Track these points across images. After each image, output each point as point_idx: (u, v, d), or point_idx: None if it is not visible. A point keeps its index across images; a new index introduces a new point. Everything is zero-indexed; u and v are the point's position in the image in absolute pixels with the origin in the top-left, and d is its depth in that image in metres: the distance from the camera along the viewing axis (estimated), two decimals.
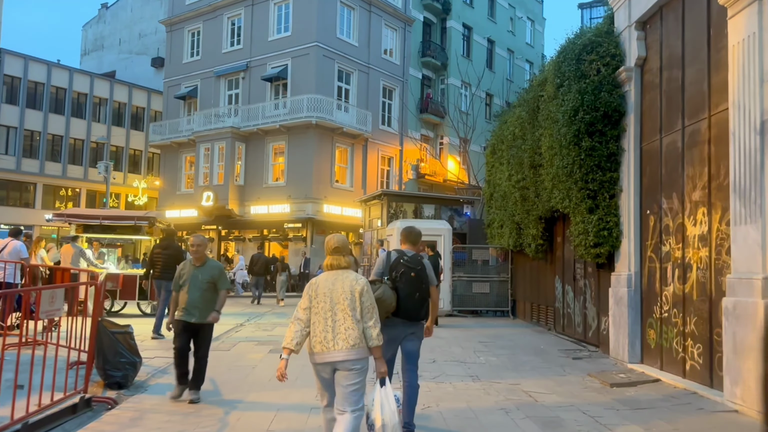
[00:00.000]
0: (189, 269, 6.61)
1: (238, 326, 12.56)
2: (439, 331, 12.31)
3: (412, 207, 17.61)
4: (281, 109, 29.56)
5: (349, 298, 4.16)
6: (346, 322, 4.12)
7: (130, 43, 48.92)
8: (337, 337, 4.10)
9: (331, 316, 4.14)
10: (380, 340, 4.19)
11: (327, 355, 4.11)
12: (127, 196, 43.16)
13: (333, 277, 4.26)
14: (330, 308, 4.16)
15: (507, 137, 14.35)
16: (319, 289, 4.24)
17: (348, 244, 4.63)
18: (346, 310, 4.14)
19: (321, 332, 4.14)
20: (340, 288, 4.19)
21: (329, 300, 4.17)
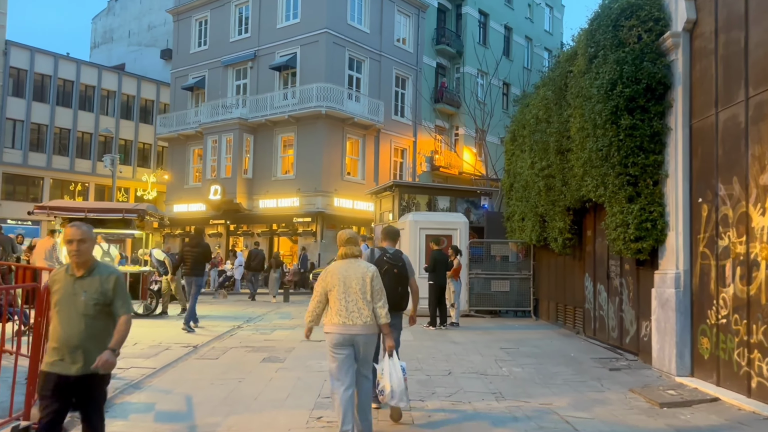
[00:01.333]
0: (64, 282, 3.83)
1: (235, 329, 11.47)
2: (456, 334, 11.12)
3: (425, 199, 16.40)
4: (290, 99, 28.45)
5: (360, 282, 4.76)
6: (359, 303, 4.72)
7: (139, 35, 48.09)
8: (351, 315, 4.69)
9: (344, 298, 4.73)
10: (388, 319, 4.81)
11: (344, 329, 4.68)
12: (136, 191, 42.27)
13: (347, 265, 4.86)
14: (344, 291, 4.75)
15: (529, 121, 13.11)
16: (334, 275, 4.83)
17: (358, 238, 5.12)
18: (357, 293, 4.74)
19: (337, 312, 4.73)
20: (353, 274, 4.79)
21: (343, 284, 4.76)
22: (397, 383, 4.95)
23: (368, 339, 4.77)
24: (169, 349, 9.00)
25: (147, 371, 7.45)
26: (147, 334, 10.32)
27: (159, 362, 8.01)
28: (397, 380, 4.96)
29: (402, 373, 5.03)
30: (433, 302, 12.07)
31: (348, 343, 4.70)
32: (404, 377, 5.08)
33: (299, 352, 8.88)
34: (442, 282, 12.13)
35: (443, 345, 9.81)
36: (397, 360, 5.07)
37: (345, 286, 4.76)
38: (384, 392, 5.01)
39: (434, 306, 12.06)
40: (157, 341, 9.59)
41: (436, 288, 12.11)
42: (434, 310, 12.04)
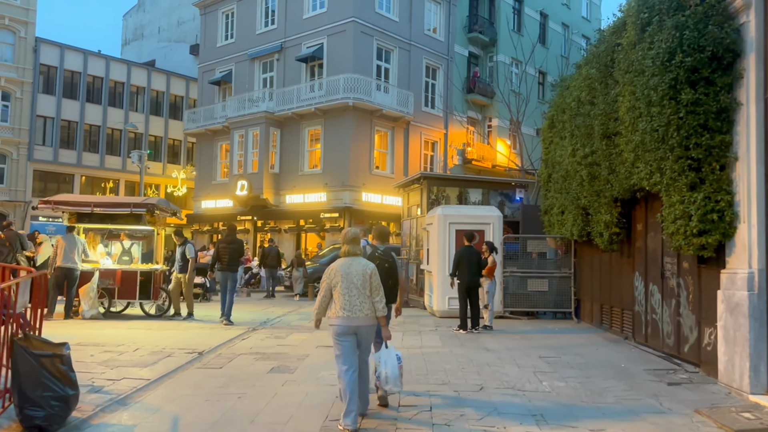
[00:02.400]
0: None
1: (248, 332, 10.62)
2: (489, 339, 10.08)
3: (455, 192, 15.34)
4: (317, 91, 27.61)
5: (361, 278, 5.22)
6: (360, 297, 5.19)
7: (168, 31, 47.96)
8: (354, 308, 5.16)
9: (347, 293, 5.19)
10: (385, 311, 5.31)
11: (347, 320, 5.16)
12: (166, 187, 42.18)
13: (349, 262, 5.33)
14: (347, 286, 5.20)
15: (570, 105, 11.95)
16: (337, 271, 5.28)
17: (360, 237, 5.60)
18: (359, 287, 5.20)
19: (341, 306, 5.18)
20: (354, 271, 5.26)
21: (346, 280, 5.21)
22: (392, 369, 5.48)
23: (368, 329, 5.35)
24: (172, 355, 8.18)
25: (140, 383, 6.62)
26: (152, 338, 9.56)
27: (156, 372, 7.18)
28: (392, 367, 5.49)
29: (397, 361, 5.57)
30: (462, 303, 11.03)
31: (351, 333, 5.24)
32: (399, 365, 5.60)
33: (313, 361, 7.97)
34: (470, 280, 11.07)
35: (475, 353, 8.78)
36: (392, 350, 5.62)
37: (348, 282, 5.24)
38: (380, 377, 5.54)
39: (463, 307, 11.02)
40: (161, 346, 8.80)
41: (463, 287, 11.06)
42: (464, 311, 11.01)
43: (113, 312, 12.49)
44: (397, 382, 5.55)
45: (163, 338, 9.60)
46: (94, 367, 7.32)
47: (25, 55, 35.70)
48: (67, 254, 10.66)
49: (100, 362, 7.60)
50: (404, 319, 12.78)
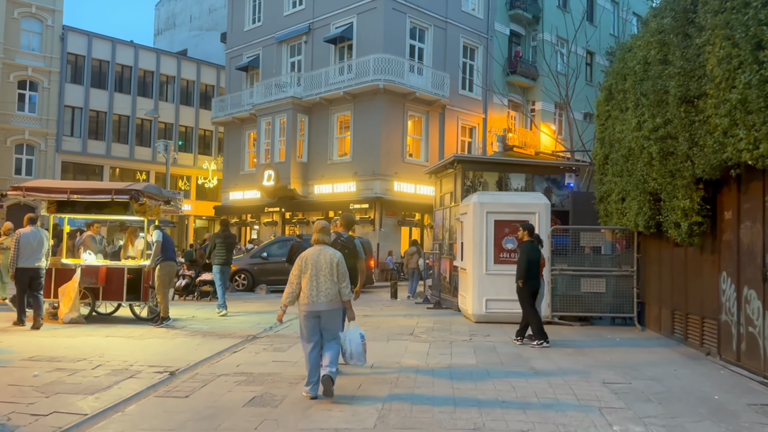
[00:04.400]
0: None
1: (246, 341, 8.93)
2: (536, 355, 8.14)
3: (494, 177, 13.37)
4: (346, 74, 25.87)
5: (328, 266, 5.76)
6: (327, 283, 5.74)
7: (200, 19, 46.92)
8: (320, 293, 5.72)
9: (315, 279, 5.74)
10: (350, 296, 5.94)
11: (313, 306, 5.72)
12: (197, 179, 41.18)
13: (318, 251, 5.85)
14: (315, 273, 5.74)
15: (634, 69, 9.91)
16: (308, 260, 5.81)
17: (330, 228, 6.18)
18: (326, 275, 5.74)
19: (308, 290, 5.73)
20: (323, 259, 5.79)
21: (315, 267, 5.76)
22: (355, 347, 5.97)
23: (331, 312, 5.80)
24: (136, 376, 6.54)
25: (70, 421, 4.99)
26: (126, 350, 7.96)
27: (102, 402, 5.54)
28: (355, 345, 5.97)
29: (360, 339, 6.01)
30: (531, 309, 9.03)
31: (314, 316, 5.75)
32: (362, 343, 6.03)
33: None
34: (536, 284, 9.14)
35: (518, 376, 6.89)
36: (356, 329, 6.04)
37: (316, 269, 5.73)
38: (345, 354, 5.98)
39: (536, 313, 9.05)
40: (131, 362, 7.18)
41: (527, 293, 9.07)
42: (538, 319, 9.02)
43: (101, 314, 11.01)
44: (361, 358, 6.05)
45: (139, 350, 8.00)
46: (27, 393, 5.72)
47: (52, 44, 34.95)
48: (27, 251, 9.06)
49: (40, 386, 6.01)
50: (433, 324, 10.97)
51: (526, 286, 8.98)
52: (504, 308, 11.07)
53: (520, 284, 9.04)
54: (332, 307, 5.77)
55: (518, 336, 9.08)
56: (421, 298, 15.44)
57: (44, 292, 10.13)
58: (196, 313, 12.30)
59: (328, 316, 5.80)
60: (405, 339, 9.33)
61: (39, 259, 9.27)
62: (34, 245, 9.15)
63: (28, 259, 9.12)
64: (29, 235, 9.16)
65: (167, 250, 9.89)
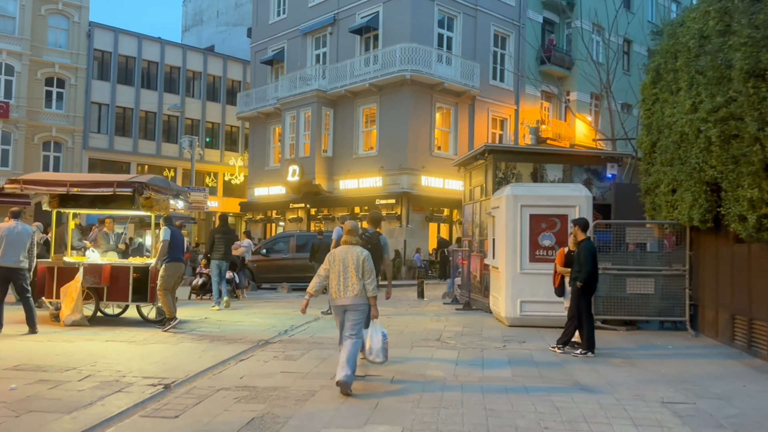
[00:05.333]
0: None
1: (256, 347, 8.16)
2: (581, 367, 7.17)
3: (528, 168, 12.36)
4: (371, 66, 25.02)
5: (355, 263, 5.99)
6: (353, 280, 5.97)
7: (227, 14, 46.60)
8: (347, 289, 5.97)
9: (343, 275, 6.00)
10: (375, 293, 6.05)
11: (340, 300, 5.99)
12: (224, 175, 40.86)
13: (346, 249, 6.09)
14: (343, 270, 6.01)
15: (687, 44, 8.89)
16: (336, 257, 6.08)
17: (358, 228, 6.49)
18: (353, 271, 5.98)
19: (336, 286, 6.01)
20: (350, 257, 6.02)
21: (342, 265, 6.02)
22: (375, 343, 6.18)
23: (356, 307, 6.02)
24: (125, 389, 5.80)
25: None
26: (124, 357, 7.24)
27: (79, 422, 4.80)
28: (376, 342, 6.18)
29: (382, 337, 6.21)
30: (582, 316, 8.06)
31: (342, 310, 6.06)
32: (384, 340, 6.22)
33: (316, 406, 5.39)
34: (595, 287, 8.18)
35: (562, 393, 5.97)
36: (378, 327, 6.23)
37: (344, 266, 6.01)
38: (364, 349, 6.28)
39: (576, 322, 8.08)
40: (124, 372, 6.46)
41: (586, 296, 8.08)
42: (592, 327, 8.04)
43: (108, 316, 10.37)
44: (380, 354, 6.19)
45: (138, 357, 7.28)
46: None
47: (78, 40, 34.87)
48: (7, 248, 8.26)
49: (13, 402, 5.30)
50: (462, 328, 10.07)
51: (585, 288, 8.01)
52: (540, 311, 10.14)
53: (579, 285, 8.06)
54: (357, 302, 6.00)
55: (560, 344, 8.12)
56: (449, 298, 14.53)
57: (47, 293, 9.56)
58: (210, 314, 11.60)
59: (353, 311, 6.04)
60: (431, 345, 8.45)
61: (16, 257, 8.40)
62: (9, 241, 8.35)
63: (2, 257, 8.33)
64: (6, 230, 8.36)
65: (174, 249, 9.15)
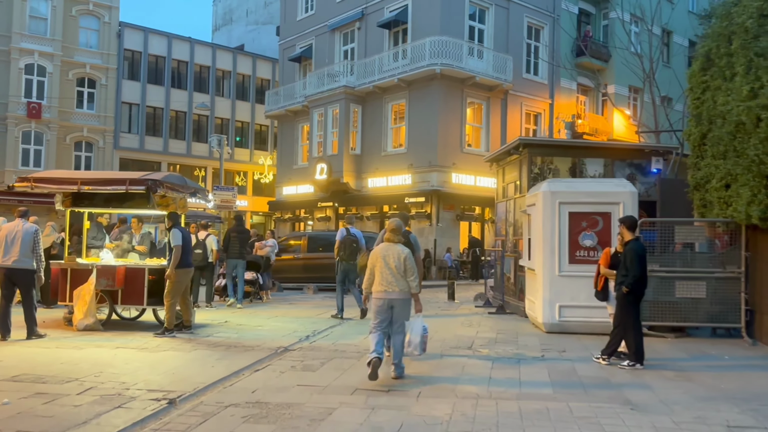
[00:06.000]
0: None
1: (273, 355, 7.61)
2: (629, 381, 6.44)
3: (566, 163, 11.58)
4: (400, 60, 24.40)
5: (396, 261, 6.34)
6: (395, 276, 6.31)
7: (256, 13, 46.47)
8: (390, 285, 6.31)
9: (386, 272, 6.33)
10: (417, 289, 6.45)
11: (384, 295, 6.32)
12: (253, 174, 40.72)
13: (387, 247, 6.47)
14: (385, 266, 6.35)
15: (744, 26, 8.07)
16: (378, 255, 6.44)
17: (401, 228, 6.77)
18: (394, 268, 6.32)
19: (380, 282, 6.35)
20: (391, 254, 6.39)
21: (384, 262, 6.37)
22: (415, 336, 6.40)
23: (401, 302, 6.38)
24: (125, 405, 5.31)
25: None
26: (131, 366, 6.77)
27: None
28: (417, 334, 6.41)
29: (422, 331, 6.45)
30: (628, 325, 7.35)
31: (386, 305, 6.35)
32: (424, 334, 6.46)
33: (331, 428, 4.81)
34: (643, 292, 7.44)
35: (611, 415, 5.28)
36: (420, 320, 6.48)
37: (385, 263, 6.36)
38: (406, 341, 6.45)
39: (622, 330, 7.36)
40: (129, 384, 5.98)
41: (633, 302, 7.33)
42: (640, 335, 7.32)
43: (125, 319, 9.97)
44: (418, 347, 6.40)
45: (147, 366, 6.80)
46: None
47: (109, 40, 35.01)
48: (9, 248, 7.89)
49: (2, 419, 4.84)
50: (496, 334, 9.40)
51: (632, 293, 7.27)
52: (581, 316, 9.40)
53: (625, 290, 7.32)
54: (400, 297, 6.33)
55: (605, 354, 7.39)
56: (482, 301, 13.83)
57: (60, 296, 9.19)
58: (232, 316, 11.14)
59: (396, 306, 6.35)
60: (462, 354, 7.80)
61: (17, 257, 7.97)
62: (9, 241, 7.94)
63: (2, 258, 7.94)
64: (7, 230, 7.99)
65: (185, 253, 8.61)
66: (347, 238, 11.30)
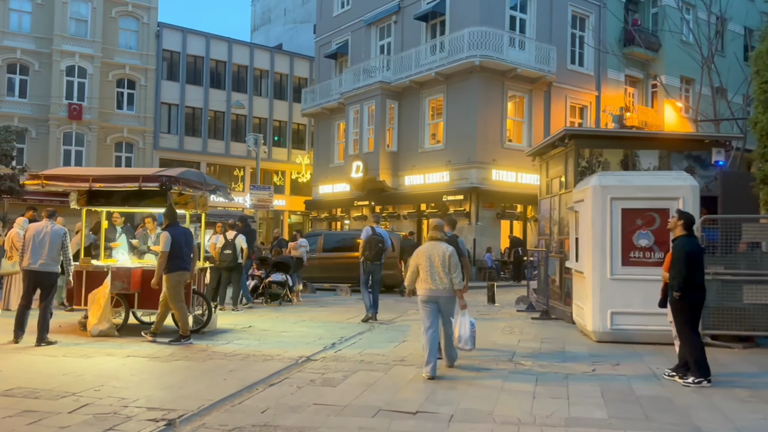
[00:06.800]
0: None
1: (293, 365, 6.96)
2: (697, 402, 5.55)
3: (618, 155, 10.61)
4: (438, 54, 23.59)
5: (441, 259, 6.50)
6: (440, 274, 6.49)
7: (294, 11, 46.26)
8: (435, 282, 6.51)
9: (430, 270, 6.52)
10: (461, 286, 6.58)
11: (430, 293, 6.52)
12: (291, 174, 40.49)
13: (432, 245, 6.64)
14: (429, 265, 6.53)
15: None
16: (423, 253, 6.62)
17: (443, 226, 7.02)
18: (439, 266, 6.49)
19: (425, 279, 6.55)
20: (436, 252, 6.54)
21: (429, 260, 6.54)
22: (464, 331, 6.57)
23: (446, 299, 6.59)
24: (119, 426, 4.73)
25: None
26: (137, 379, 6.21)
27: None
28: (465, 330, 6.58)
29: (470, 326, 6.61)
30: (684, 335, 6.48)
31: (432, 301, 6.57)
32: (472, 329, 6.63)
33: None
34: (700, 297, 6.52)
35: None
36: (467, 316, 6.63)
37: (430, 262, 6.53)
38: (454, 337, 6.67)
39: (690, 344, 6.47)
40: (129, 399, 5.41)
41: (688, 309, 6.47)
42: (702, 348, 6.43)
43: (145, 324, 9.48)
44: (468, 342, 6.60)
45: (153, 379, 6.23)
46: None
47: (148, 41, 35.17)
48: (37, 250, 7.61)
49: None
50: (540, 344, 8.56)
51: (686, 299, 6.38)
52: (636, 324, 8.49)
53: (676, 295, 6.43)
54: (445, 294, 6.53)
55: (676, 371, 6.49)
56: (524, 305, 12.95)
57: (75, 300, 8.75)
58: (258, 321, 10.57)
59: (442, 302, 6.58)
60: (502, 368, 7.00)
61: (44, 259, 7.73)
62: (37, 243, 7.68)
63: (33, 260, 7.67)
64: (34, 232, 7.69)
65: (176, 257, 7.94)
66: (372, 238, 10.70)
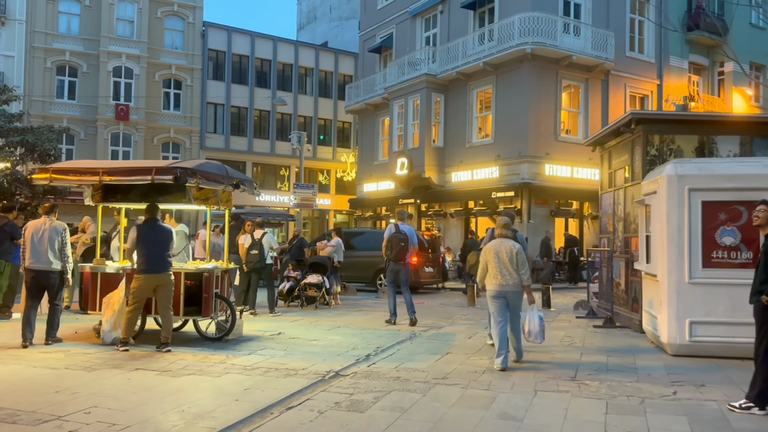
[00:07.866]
0: None
1: (321, 381, 6.06)
2: None
3: (692, 142, 9.30)
4: (486, 43, 22.38)
5: (509, 255, 6.81)
6: (509, 269, 6.79)
7: (339, 9, 45.69)
8: (504, 278, 6.78)
9: (499, 266, 6.82)
10: (529, 282, 6.85)
11: (499, 288, 6.79)
12: (336, 172, 39.90)
13: (500, 242, 6.96)
14: (497, 262, 6.83)
15: None
16: (491, 250, 6.92)
17: (510, 224, 7.27)
18: (507, 263, 6.79)
19: (494, 276, 6.84)
20: (503, 249, 6.86)
21: (497, 257, 6.85)
22: (533, 326, 6.93)
23: (515, 294, 6.86)
24: None
25: None
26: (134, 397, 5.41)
27: None
28: (534, 325, 6.93)
29: (539, 320, 6.94)
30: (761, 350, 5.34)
31: (501, 296, 6.83)
32: (541, 323, 6.95)
33: None
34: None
35: None
36: (535, 311, 6.98)
37: (498, 259, 6.83)
38: (524, 331, 6.99)
39: None
40: (121, 425, 4.59)
41: None
42: None
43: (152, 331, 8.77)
44: (538, 336, 6.92)
45: (155, 399, 5.41)
46: None
47: (193, 41, 35.13)
48: (37, 249, 7.07)
49: None
50: (606, 358, 7.42)
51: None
52: (719, 335, 7.26)
53: (765, 300, 5.25)
54: (513, 289, 6.78)
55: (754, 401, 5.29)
56: (584, 310, 11.74)
57: (90, 304, 8.10)
58: (289, 327, 9.72)
59: (510, 297, 6.82)
60: (563, 388, 5.92)
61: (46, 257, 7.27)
62: (36, 241, 7.15)
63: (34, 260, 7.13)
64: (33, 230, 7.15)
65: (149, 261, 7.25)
66: (395, 236, 9.93)
